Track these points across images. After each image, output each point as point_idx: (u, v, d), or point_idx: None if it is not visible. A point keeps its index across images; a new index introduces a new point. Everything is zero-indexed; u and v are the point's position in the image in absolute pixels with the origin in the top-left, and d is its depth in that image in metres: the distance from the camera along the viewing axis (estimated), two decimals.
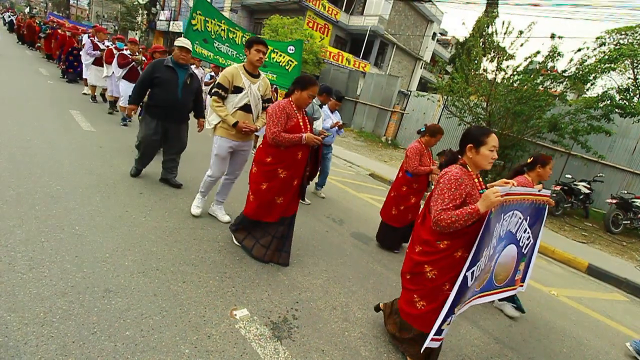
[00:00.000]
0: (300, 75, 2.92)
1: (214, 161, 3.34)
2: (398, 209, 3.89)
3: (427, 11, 23.67)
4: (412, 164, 3.73)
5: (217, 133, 3.26)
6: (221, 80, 3.10)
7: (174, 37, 28.90)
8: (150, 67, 3.75)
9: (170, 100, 3.79)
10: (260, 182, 2.82)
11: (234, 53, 5.53)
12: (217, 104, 3.14)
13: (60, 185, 3.45)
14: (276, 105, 2.74)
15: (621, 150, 8.65)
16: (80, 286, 2.15)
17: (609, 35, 14.82)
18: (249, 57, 3.13)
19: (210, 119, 3.27)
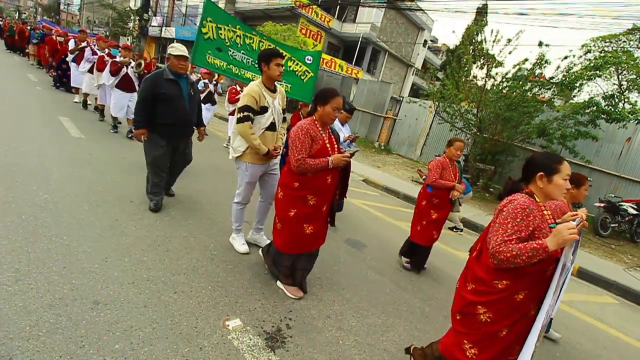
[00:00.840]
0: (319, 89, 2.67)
1: (244, 188, 3.08)
2: (421, 224, 3.73)
3: (418, 19, 24.05)
4: (431, 176, 3.59)
5: (246, 159, 2.96)
6: (249, 102, 2.78)
7: (166, 43, 28.84)
8: (148, 83, 3.32)
9: (179, 116, 3.47)
10: (288, 209, 2.54)
11: (250, 60, 5.11)
12: (251, 132, 2.83)
13: (49, 193, 3.39)
14: (299, 128, 2.43)
15: (608, 154, 8.84)
16: (68, 298, 2.10)
17: (594, 43, 15.24)
18: (267, 72, 2.85)
19: (236, 145, 2.95)
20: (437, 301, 3.31)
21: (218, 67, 4.81)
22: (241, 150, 2.94)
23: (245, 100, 2.78)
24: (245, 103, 2.78)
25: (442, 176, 3.61)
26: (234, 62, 5.04)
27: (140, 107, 3.35)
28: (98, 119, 7.29)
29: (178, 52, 3.37)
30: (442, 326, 2.90)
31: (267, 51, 2.89)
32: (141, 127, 3.39)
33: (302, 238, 2.60)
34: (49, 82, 10.89)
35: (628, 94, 13.21)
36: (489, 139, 8.89)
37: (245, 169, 3.00)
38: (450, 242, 5.39)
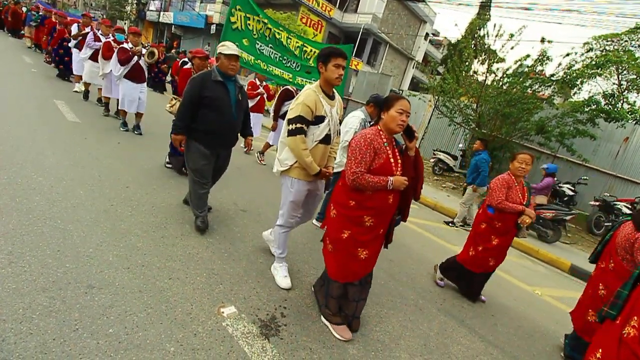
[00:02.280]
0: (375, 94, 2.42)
1: (289, 208, 2.68)
2: (476, 249, 3.29)
3: (420, 11, 23.80)
4: (495, 197, 3.12)
5: (293, 174, 2.58)
6: (303, 113, 2.39)
7: (163, 28, 28.42)
8: (196, 83, 2.92)
9: (226, 123, 3.04)
10: (341, 230, 2.24)
11: (278, 56, 4.69)
12: (303, 146, 2.44)
13: (43, 177, 3.35)
14: (362, 137, 2.11)
15: (605, 154, 8.88)
16: (61, 282, 2.08)
17: (596, 42, 15.17)
18: (325, 74, 2.45)
19: (283, 157, 2.58)
20: (431, 294, 3.34)
21: (246, 61, 4.34)
22: (288, 164, 2.55)
23: (298, 110, 2.41)
24: (299, 113, 2.40)
25: (507, 197, 3.13)
26: (262, 57, 4.61)
27: (184, 110, 2.93)
28: (102, 114, 6.61)
29: (230, 51, 2.94)
30: (436, 318, 2.93)
31: (326, 49, 2.48)
32: (180, 133, 2.98)
33: (356, 264, 2.28)
34: (44, 65, 10.70)
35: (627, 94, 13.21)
36: (488, 134, 8.90)
37: (290, 185, 2.61)
38: (444, 235, 5.43)
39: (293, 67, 4.79)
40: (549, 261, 5.53)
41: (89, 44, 6.83)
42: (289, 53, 4.68)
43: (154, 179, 4.09)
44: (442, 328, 2.81)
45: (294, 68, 4.79)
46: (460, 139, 11.44)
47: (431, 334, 2.68)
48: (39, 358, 1.58)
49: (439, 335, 2.70)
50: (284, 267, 2.83)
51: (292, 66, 4.77)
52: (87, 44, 6.85)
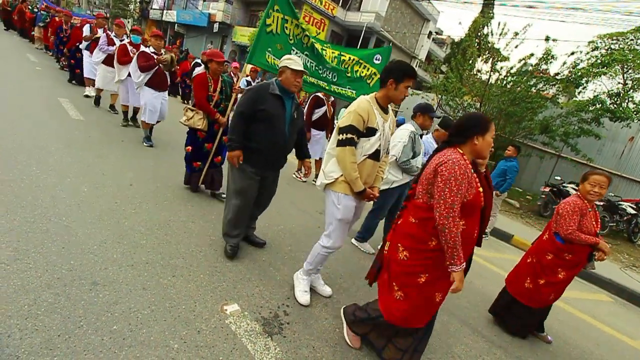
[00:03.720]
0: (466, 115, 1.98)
1: (337, 227, 2.40)
2: (535, 282, 2.85)
3: (423, 10, 23.69)
4: (566, 227, 2.65)
5: (338, 189, 2.33)
6: (354, 122, 2.20)
7: (166, 27, 28.46)
8: (252, 95, 2.64)
9: (278, 142, 2.72)
10: (418, 274, 1.89)
11: (313, 65, 4.27)
12: (352, 159, 2.23)
13: (47, 174, 3.36)
14: (456, 165, 1.71)
15: (609, 153, 8.83)
16: (66, 278, 2.09)
17: (601, 40, 15.06)
18: (391, 91, 2.24)
19: (329, 169, 2.35)
20: None
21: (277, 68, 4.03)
22: (334, 176, 2.32)
23: (350, 119, 2.21)
24: (350, 122, 2.21)
25: (581, 225, 2.65)
26: None
27: (238, 122, 2.63)
28: (121, 124, 6.01)
29: (298, 66, 2.64)
30: (438, 317, 2.92)
31: (402, 66, 2.23)
32: (237, 148, 2.65)
33: (430, 308, 1.98)
34: (49, 63, 10.75)
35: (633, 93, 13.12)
36: None
37: (337, 201, 2.34)
38: None
39: (330, 78, 4.46)
40: None
41: (101, 47, 6.29)
42: (326, 65, 4.34)
43: (158, 177, 4.10)
44: (445, 327, 2.80)
45: (330, 79, 4.47)
46: None
47: (434, 333, 2.67)
48: (45, 354, 1.59)
49: (441, 334, 2.70)
50: (307, 282, 2.64)
51: (328, 76, 4.43)
52: (99, 47, 6.32)
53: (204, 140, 3.83)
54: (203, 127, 3.71)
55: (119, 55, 5.55)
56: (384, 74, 2.26)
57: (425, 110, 3.57)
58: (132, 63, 5.02)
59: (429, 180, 1.82)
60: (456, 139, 1.86)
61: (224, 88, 3.81)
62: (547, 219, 7.91)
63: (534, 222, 7.72)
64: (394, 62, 2.29)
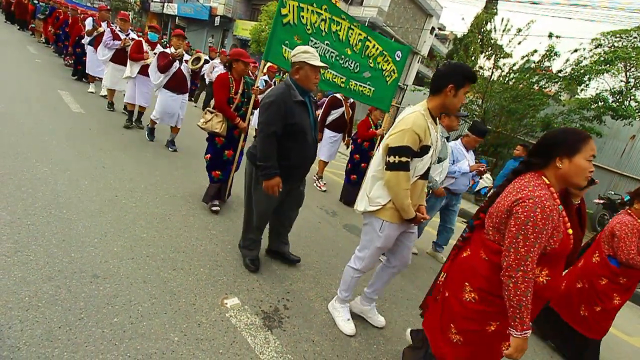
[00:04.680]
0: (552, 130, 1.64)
1: (372, 254, 2.21)
2: (591, 309, 2.65)
3: (426, 5, 23.51)
4: (627, 251, 2.45)
5: (385, 216, 2.06)
6: (410, 142, 1.88)
7: (167, 20, 28.27)
8: (279, 110, 2.26)
9: (309, 153, 2.47)
10: (487, 321, 1.57)
11: (334, 55, 3.83)
12: (406, 186, 1.95)
13: (48, 167, 3.36)
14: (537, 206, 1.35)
15: (611, 152, 8.81)
16: (67, 271, 2.10)
17: (605, 38, 14.96)
18: (448, 99, 1.90)
19: (374, 194, 2.07)
20: None
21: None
22: (381, 203, 2.05)
23: (404, 139, 1.88)
24: (405, 143, 1.88)
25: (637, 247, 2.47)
26: None
27: (270, 145, 2.28)
28: (124, 125, 5.52)
29: (317, 61, 2.32)
30: None
31: (464, 70, 1.89)
32: (276, 175, 2.32)
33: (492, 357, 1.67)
34: (49, 55, 10.69)
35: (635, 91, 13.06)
36: (493, 131, 8.83)
37: (379, 228, 2.11)
38: None
39: (351, 68, 4.03)
40: None
41: (106, 43, 5.82)
42: (349, 49, 3.93)
43: (158, 171, 4.10)
44: None
45: (352, 69, 4.03)
46: None
47: None
48: (45, 345, 1.60)
49: None
50: (347, 309, 2.42)
51: (350, 67, 4.01)
52: (104, 43, 5.85)
53: (223, 147, 3.43)
54: (221, 132, 3.31)
55: (132, 51, 5.25)
56: (438, 79, 1.92)
57: (479, 132, 3.31)
58: (152, 64, 4.73)
59: (501, 219, 1.47)
60: (535, 160, 1.50)
61: (246, 90, 3.45)
62: None
63: None
64: (452, 65, 1.95)
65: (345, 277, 2.36)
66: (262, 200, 2.49)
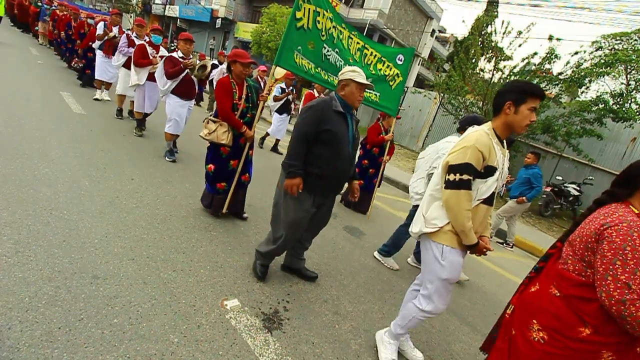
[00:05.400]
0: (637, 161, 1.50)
1: (440, 288, 1.97)
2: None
3: (427, 7, 23.59)
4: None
5: (444, 240, 1.90)
6: (473, 160, 1.77)
7: (169, 22, 28.37)
8: (316, 114, 2.27)
9: (343, 165, 2.38)
10: None
11: (342, 63, 3.76)
12: (467, 206, 1.80)
13: (49, 168, 3.36)
14: (633, 229, 1.23)
15: (612, 154, 8.79)
16: (67, 272, 2.10)
17: (605, 40, 14.98)
18: (512, 117, 1.80)
19: (431, 215, 1.93)
20: None
21: (307, 70, 3.46)
22: (438, 225, 1.89)
23: (466, 156, 1.78)
24: (467, 160, 1.78)
25: None
26: (325, 65, 3.62)
27: (299, 145, 2.28)
28: (134, 133, 5.30)
29: (363, 79, 2.34)
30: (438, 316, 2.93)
31: (522, 85, 1.80)
32: (298, 175, 2.28)
33: None
34: (51, 57, 10.73)
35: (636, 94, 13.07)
36: None
37: (441, 255, 1.91)
38: None
39: None
40: None
41: (121, 49, 5.62)
42: (351, 58, 3.91)
43: (159, 172, 4.10)
44: (445, 325, 2.81)
45: None
46: None
47: (433, 331, 2.68)
48: (45, 346, 1.60)
49: (440, 332, 2.70)
50: (395, 347, 2.23)
51: None
52: (119, 50, 5.67)
53: (229, 157, 3.24)
54: (228, 142, 3.13)
55: (136, 57, 5.00)
56: (497, 98, 1.87)
57: (474, 123, 3.19)
58: (158, 69, 4.51)
59: (587, 245, 1.33)
60: (620, 190, 1.41)
61: (249, 95, 3.23)
62: (547, 219, 7.90)
63: (534, 221, 7.71)
64: (510, 82, 1.91)
65: (406, 313, 2.12)
66: (290, 208, 2.39)
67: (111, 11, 7.18)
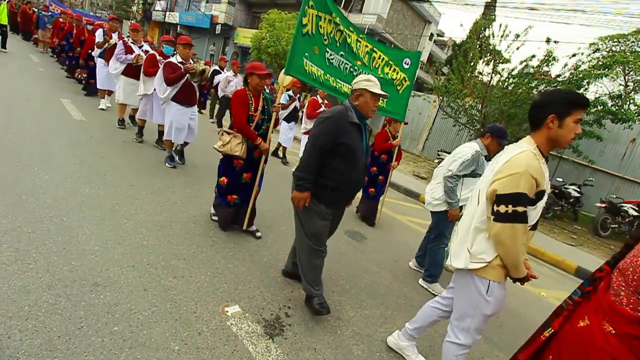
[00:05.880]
0: None
1: (479, 323, 1.86)
2: None
3: (425, 11, 23.72)
4: None
5: (491, 276, 1.74)
6: (526, 188, 1.56)
7: (169, 28, 28.55)
8: (332, 126, 2.20)
9: (358, 177, 2.36)
10: None
11: (348, 67, 3.73)
12: (524, 239, 1.63)
13: (49, 174, 3.36)
14: None
15: (611, 155, 8.80)
16: (67, 279, 2.09)
17: (603, 42, 15.05)
18: (556, 131, 1.62)
19: (478, 249, 1.74)
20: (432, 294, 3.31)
21: (316, 77, 3.43)
22: (485, 259, 1.72)
23: (519, 184, 1.57)
24: (521, 190, 1.56)
25: None
26: (330, 70, 3.60)
27: (313, 160, 2.22)
28: (135, 140, 5.28)
29: (378, 89, 2.29)
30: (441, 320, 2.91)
31: (565, 95, 1.63)
32: (308, 189, 2.25)
33: None
34: (51, 63, 10.78)
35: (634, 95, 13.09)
36: None
37: (486, 291, 1.76)
38: None
39: None
40: (555, 263, 5.47)
41: (118, 56, 5.43)
42: (359, 61, 3.87)
43: (159, 178, 4.10)
44: None
45: None
46: (464, 140, 11.39)
47: (436, 336, 2.66)
48: (45, 355, 1.59)
49: (444, 337, 2.67)
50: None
51: None
52: (116, 56, 5.46)
53: (242, 170, 3.19)
54: (242, 154, 3.08)
55: (146, 67, 4.91)
56: (535, 111, 1.69)
57: (497, 134, 3.11)
58: (157, 75, 4.40)
59: None
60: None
61: (265, 107, 3.21)
62: (548, 221, 7.88)
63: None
64: (550, 92, 1.72)
65: (447, 357, 2.00)
66: (310, 220, 2.35)
67: (109, 17, 6.91)
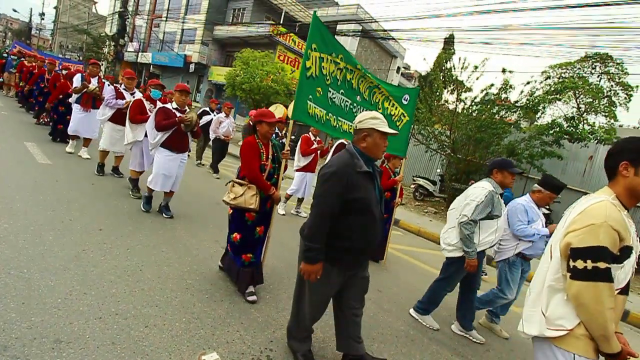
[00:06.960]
0: None
1: None
2: None
3: (390, 47, 25.25)
4: None
5: (574, 348, 1.46)
6: (607, 242, 1.38)
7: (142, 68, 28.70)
8: (339, 183, 1.92)
9: (375, 232, 2.06)
10: None
11: (348, 104, 3.74)
12: (610, 302, 1.40)
13: (9, 223, 3.16)
14: None
15: (573, 172, 9.36)
16: (26, 338, 1.91)
17: (553, 70, 16.47)
18: (634, 182, 1.47)
19: (554, 314, 1.52)
20: (421, 324, 3.26)
21: (318, 119, 3.40)
22: (565, 327, 1.47)
23: (598, 237, 1.39)
24: (601, 243, 1.39)
25: None
26: (332, 109, 3.58)
27: (322, 224, 1.94)
28: (131, 195, 4.81)
29: (386, 127, 2.06)
30: (428, 348, 2.85)
31: (633, 141, 1.51)
32: (319, 260, 1.97)
33: None
34: (14, 107, 10.48)
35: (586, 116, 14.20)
36: (463, 159, 9.23)
37: None
38: (429, 261, 5.42)
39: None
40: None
41: (109, 102, 5.21)
42: (359, 97, 3.91)
43: (130, 220, 3.94)
44: (435, 358, 2.73)
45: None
46: (437, 165, 11.82)
47: (395, 340, 2.59)
48: None
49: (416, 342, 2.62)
50: None
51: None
52: (106, 103, 5.24)
53: (254, 224, 2.93)
54: (256, 207, 2.83)
55: (132, 113, 4.66)
56: (609, 158, 1.56)
57: (503, 165, 3.02)
58: (149, 120, 4.18)
59: None
60: None
61: (275, 154, 3.06)
62: None
63: None
64: (621, 141, 1.58)
65: None
66: (316, 288, 2.10)
67: (90, 61, 6.48)
